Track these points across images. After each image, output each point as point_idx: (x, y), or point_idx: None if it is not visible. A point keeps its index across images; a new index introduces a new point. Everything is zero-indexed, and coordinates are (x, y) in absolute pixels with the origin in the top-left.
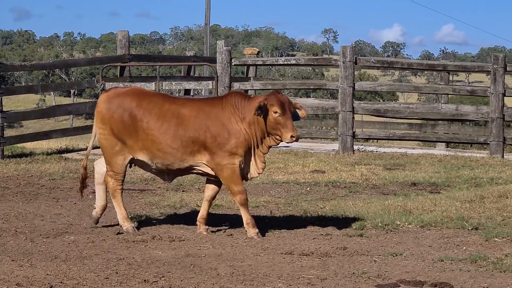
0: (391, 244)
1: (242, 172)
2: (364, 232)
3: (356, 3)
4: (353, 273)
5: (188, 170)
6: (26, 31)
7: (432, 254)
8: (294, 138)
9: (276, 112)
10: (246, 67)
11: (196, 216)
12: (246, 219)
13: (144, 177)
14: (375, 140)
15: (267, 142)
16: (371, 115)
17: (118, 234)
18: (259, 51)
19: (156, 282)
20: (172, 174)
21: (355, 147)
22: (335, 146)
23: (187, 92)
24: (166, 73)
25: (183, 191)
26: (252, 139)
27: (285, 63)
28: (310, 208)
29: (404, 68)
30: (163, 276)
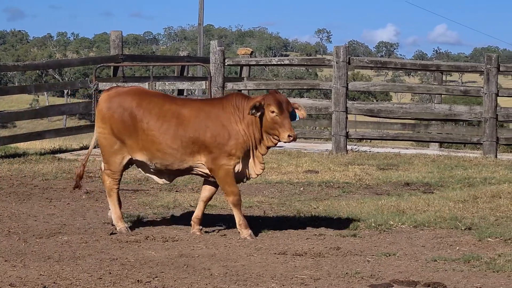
0: (385, 244)
1: (242, 174)
2: (358, 232)
3: (349, 3)
4: (346, 273)
5: (188, 171)
6: (20, 31)
7: (425, 254)
8: (292, 138)
9: (273, 112)
10: (239, 67)
11: (189, 216)
12: (238, 220)
13: (137, 177)
14: (369, 140)
15: (265, 143)
16: (365, 115)
17: (112, 234)
18: (252, 51)
19: (149, 282)
20: (171, 174)
21: (349, 147)
22: (329, 146)
23: (180, 92)
24: (159, 73)
25: (176, 191)
26: (250, 140)
27: (278, 63)
28: (303, 208)
29: (397, 68)
30: (157, 277)
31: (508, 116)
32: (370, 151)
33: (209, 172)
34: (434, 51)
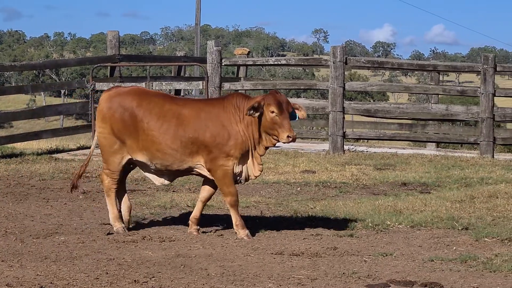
0: (381, 244)
1: (240, 175)
2: (355, 232)
3: (346, 3)
4: (343, 273)
5: (187, 172)
6: (16, 31)
7: (422, 254)
8: (291, 138)
9: (273, 112)
10: (236, 67)
11: (186, 216)
12: (235, 221)
13: (134, 177)
14: (366, 140)
15: (264, 143)
16: (362, 115)
17: (108, 234)
18: (249, 51)
19: (146, 282)
20: (171, 175)
21: (346, 147)
22: (326, 146)
23: (177, 92)
24: (156, 73)
25: (173, 191)
26: (249, 140)
27: (275, 63)
28: (300, 208)
29: (394, 68)
30: (153, 277)
31: (505, 116)
32: (367, 151)
33: (208, 174)
34: (431, 51)
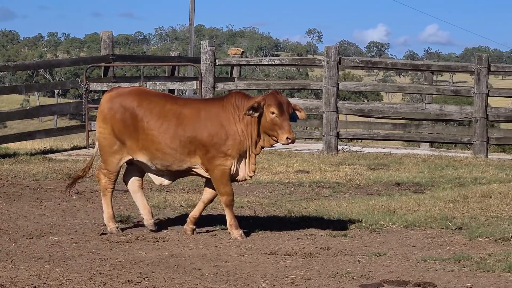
0: (375, 244)
1: (237, 174)
2: (348, 232)
3: (340, 3)
4: (337, 273)
5: (187, 172)
6: (10, 31)
7: (416, 254)
8: (290, 140)
9: (273, 113)
10: (230, 67)
11: (180, 216)
12: (229, 220)
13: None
14: (359, 140)
15: (262, 143)
16: (355, 115)
17: (102, 234)
18: (243, 51)
19: (140, 282)
20: (172, 175)
21: (339, 147)
22: (319, 146)
23: (171, 92)
24: (150, 73)
25: (167, 191)
26: (247, 140)
27: (269, 63)
28: (294, 208)
29: (388, 68)
30: (147, 277)
31: (498, 116)
32: (361, 151)
33: (206, 174)
34: (425, 51)
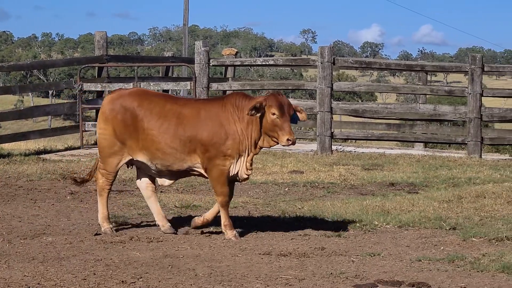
0: (369, 244)
1: (236, 174)
2: (342, 232)
3: (335, 3)
4: (331, 273)
5: (188, 172)
6: (4, 31)
7: (410, 254)
8: (291, 142)
9: (274, 114)
10: (224, 67)
11: (174, 217)
12: (224, 221)
13: (122, 178)
14: (354, 141)
15: (262, 143)
16: (349, 115)
17: (96, 235)
18: (237, 52)
19: (134, 283)
20: (173, 175)
21: (334, 148)
22: (314, 146)
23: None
24: (144, 73)
25: (161, 192)
26: (246, 140)
27: (263, 63)
28: (288, 209)
29: (382, 68)
30: (141, 277)
31: (492, 116)
32: (355, 151)
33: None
34: (419, 51)
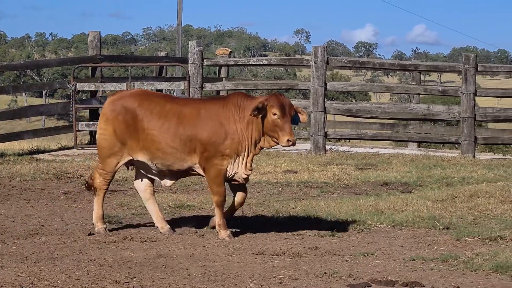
0: (363, 244)
1: (234, 174)
2: (336, 232)
3: (328, 3)
4: (324, 273)
5: (189, 172)
6: None
7: (404, 253)
8: (291, 142)
9: (275, 114)
10: (218, 67)
11: (167, 216)
12: (218, 221)
13: (115, 178)
14: (347, 140)
15: (262, 144)
16: (343, 115)
17: (90, 235)
18: (231, 52)
19: (128, 283)
20: (173, 175)
21: (327, 147)
22: (307, 146)
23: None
24: (138, 73)
25: (155, 191)
26: (246, 140)
27: (257, 63)
28: (282, 208)
29: (375, 68)
30: (135, 277)
31: (486, 115)
32: (349, 151)
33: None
34: (412, 51)
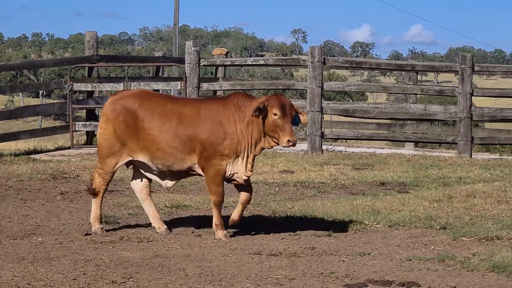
0: (360, 243)
1: (233, 174)
2: (333, 232)
3: (325, 3)
4: (321, 273)
5: (189, 172)
6: None
7: (400, 253)
8: (291, 143)
9: (275, 115)
10: (215, 67)
11: (164, 216)
12: (215, 220)
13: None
14: (344, 140)
15: (262, 144)
16: (340, 115)
17: (86, 235)
18: (227, 52)
19: (124, 283)
20: (174, 175)
21: (324, 147)
22: (304, 146)
23: None
24: (135, 73)
25: (151, 192)
26: (246, 140)
27: (253, 63)
28: (278, 208)
29: (372, 68)
30: (131, 277)
31: (482, 115)
32: (346, 151)
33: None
34: (409, 51)
